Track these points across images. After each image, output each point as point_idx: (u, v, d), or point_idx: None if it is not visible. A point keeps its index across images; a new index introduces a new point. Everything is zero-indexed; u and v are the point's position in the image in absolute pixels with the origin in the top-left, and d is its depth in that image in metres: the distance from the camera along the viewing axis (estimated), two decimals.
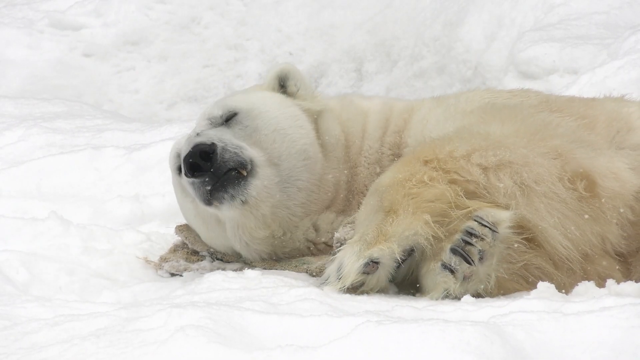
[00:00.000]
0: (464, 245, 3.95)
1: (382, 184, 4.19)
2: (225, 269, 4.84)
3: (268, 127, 4.85)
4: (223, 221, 4.80)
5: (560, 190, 4.06)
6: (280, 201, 4.76)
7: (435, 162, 4.12)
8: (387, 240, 3.99)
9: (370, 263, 4.00)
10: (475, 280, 3.96)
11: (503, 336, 3.08)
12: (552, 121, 4.38)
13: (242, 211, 4.68)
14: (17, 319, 3.82)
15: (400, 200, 4.05)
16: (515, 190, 4.03)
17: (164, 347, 3.08)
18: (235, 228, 4.76)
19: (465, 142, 4.16)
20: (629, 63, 7.34)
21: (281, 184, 4.78)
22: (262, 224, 4.74)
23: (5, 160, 7.32)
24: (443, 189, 4.03)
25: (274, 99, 5.01)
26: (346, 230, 4.46)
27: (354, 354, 3.02)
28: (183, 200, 4.97)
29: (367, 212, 4.18)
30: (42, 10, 12.76)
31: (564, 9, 9.84)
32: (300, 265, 4.74)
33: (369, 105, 5.14)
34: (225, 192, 4.64)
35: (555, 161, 4.12)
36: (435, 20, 11.24)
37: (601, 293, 3.95)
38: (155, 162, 6.88)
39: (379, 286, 4.07)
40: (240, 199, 4.65)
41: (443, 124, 4.72)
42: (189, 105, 12.19)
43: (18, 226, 5.28)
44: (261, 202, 4.70)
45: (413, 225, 3.99)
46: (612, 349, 3.04)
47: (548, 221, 4.03)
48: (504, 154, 4.09)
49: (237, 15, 13.01)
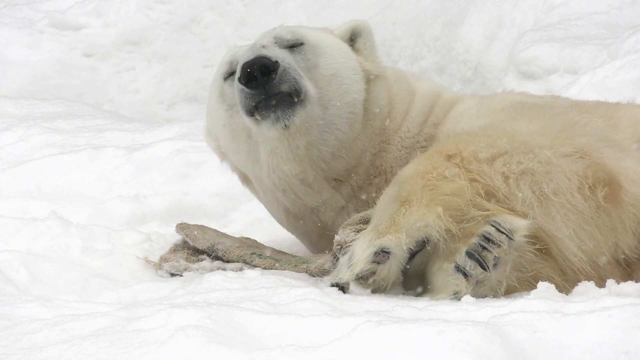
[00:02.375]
0: (481, 250, 3.95)
1: (404, 175, 4.19)
2: (226, 269, 4.84)
3: (328, 69, 4.88)
4: (254, 139, 4.83)
5: (578, 201, 4.05)
6: (316, 141, 4.80)
7: (458, 158, 4.11)
8: (397, 231, 3.98)
9: (380, 252, 3.98)
10: (486, 287, 3.96)
11: (503, 336, 3.08)
12: (580, 120, 4.38)
13: (280, 136, 4.71)
14: (17, 319, 3.81)
15: (417, 191, 4.04)
16: (533, 200, 4.03)
17: (164, 347, 3.08)
18: (267, 152, 4.79)
19: (490, 142, 4.15)
20: (629, 63, 7.34)
21: (322, 126, 4.81)
22: (293, 156, 4.77)
23: (5, 160, 7.32)
24: (462, 185, 4.03)
25: (341, 47, 5.03)
26: (346, 232, 4.45)
27: (354, 354, 3.02)
28: (217, 106, 4.97)
29: (385, 201, 4.18)
30: (42, 10, 12.76)
31: (564, 9, 9.84)
32: (300, 265, 4.74)
33: (418, 87, 5.14)
34: (273, 112, 4.67)
35: (579, 163, 4.10)
36: (435, 20, 11.24)
37: (601, 293, 3.95)
38: (155, 162, 6.88)
39: (391, 277, 4.04)
40: (284, 122, 4.67)
41: (475, 121, 4.73)
42: (189, 105, 12.19)
43: (18, 226, 5.28)
44: (300, 134, 4.73)
45: (425, 216, 3.98)
46: (613, 349, 3.04)
47: (563, 232, 4.02)
48: (527, 161, 4.08)
49: (237, 15, 13.01)
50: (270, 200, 5.09)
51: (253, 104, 4.68)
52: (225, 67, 4.97)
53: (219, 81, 4.99)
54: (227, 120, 4.93)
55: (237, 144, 4.92)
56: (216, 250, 4.97)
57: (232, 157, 5.04)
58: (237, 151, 4.95)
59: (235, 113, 4.88)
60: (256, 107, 4.68)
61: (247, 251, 4.91)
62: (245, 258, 4.88)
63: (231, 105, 4.89)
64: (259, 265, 4.81)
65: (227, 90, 4.92)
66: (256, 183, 5.10)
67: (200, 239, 5.04)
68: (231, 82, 4.91)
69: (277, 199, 5.01)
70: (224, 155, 5.17)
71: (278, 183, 4.89)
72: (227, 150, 5.02)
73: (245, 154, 4.91)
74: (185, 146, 7.08)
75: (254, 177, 5.03)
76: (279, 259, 4.84)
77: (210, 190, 6.56)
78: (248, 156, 4.91)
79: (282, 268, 4.76)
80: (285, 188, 4.90)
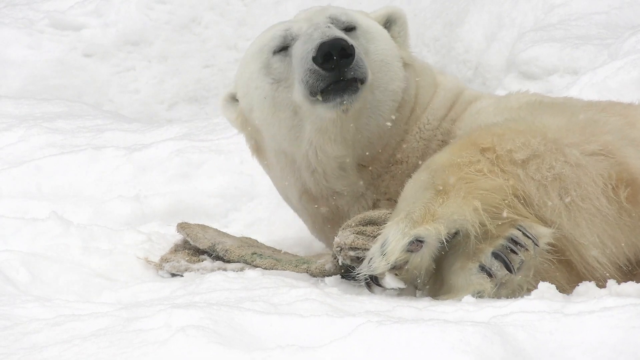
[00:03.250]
0: (508, 252, 3.95)
1: (437, 163, 4.18)
2: (226, 269, 4.84)
3: (378, 55, 4.87)
4: (300, 116, 4.78)
5: (603, 205, 4.06)
6: (362, 126, 4.79)
7: (493, 154, 4.12)
8: (434, 221, 3.96)
9: (415, 242, 3.97)
10: (508, 289, 3.97)
11: (503, 336, 3.08)
12: (600, 118, 4.38)
13: (336, 117, 4.69)
14: (17, 319, 3.82)
15: (454, 183, 4.04)
16: (562, 209, 4.05)
17: (165, 348, 3.08)
18: (315, 131, 4.75)
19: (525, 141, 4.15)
20: (629, 63, 7.33)
21: (369, 111, 4.81)
22: (342, 138, 4.75)
23: (5, 160, 7.32)
24: (501, 183, 4.04)
25: (384, 33, 5.03)
26: (346, 234, 4.45)
27: (354, 354, 3.02)
28: (260, 78, 4.88)
29: (415, 187, 4.16)
30: (42, 10, 12.75)
31: (564, 9, 9.83)
32: (300, 265, 4.74)
33: (441, 80, 5.14)
34: (340, 96, 4.64)
35: (604, 163, 4.12)
36: (435, 20, 11.24)
37: (602, 293, 3.95)
38: (155, 162, 6.88)
39: (423, 266, 4.03)
40: (346, 106, 4.65)
41: (492, 119, 4.72)
42: (189, 105, 12.18)
43: (18, 226, 5.28)
44: (353, 118, 4.72)
45: (462, 209, 3.98)
46: (613, 350, 3.04)
47: (588, 238, 4.04)
48: (558, 165, 4.09)
49: (237, 15, 13.01)
50: (286, 176, 5.01)
51: (323, 86, 4.63)
52: (277, 40, 4.87)
53: (265, 54, 4.89)
54: (270, 94, 4.84)
55: (278, 119, 4.84)
56: (217, 250, 4.97)
57: (266, 130, 4.93)
58: (276, 125, 4.86)
59: (282, 88, 4.82)
60: (323, 89, 4.64)
61: (248, 251, 4.91)
62: (246, 258, 4.88)
63: (277, 80, 4.82)
64: (260, 266, 4.81)
65: (276, 64, 4.84)
66: (278, 156, 5.01)
67: (201, 238, 5.04)
68: (282, 56, 4.84)
69: (298, 177, 4.94)
70: (243, 125, 5.09)
71: (314, 162, 4.84)
72: (262, 122, 4.92)
73: (287, 129, 4.82)
74: (186, 146, 7.07)
75: (284, 151, 4.93)
76: (280, 259, 4.84)
77: (210, 190, 6.55)
78: (289, 132, 4.83)
79: (283, 268, 4.76)
80: (318, 168, 4.85)
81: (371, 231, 4.41)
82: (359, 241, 4.39)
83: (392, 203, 4.87)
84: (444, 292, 4.07)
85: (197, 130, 7.90)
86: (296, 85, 4.73)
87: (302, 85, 4.68)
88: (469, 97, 5.08)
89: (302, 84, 4.68)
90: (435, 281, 4.14)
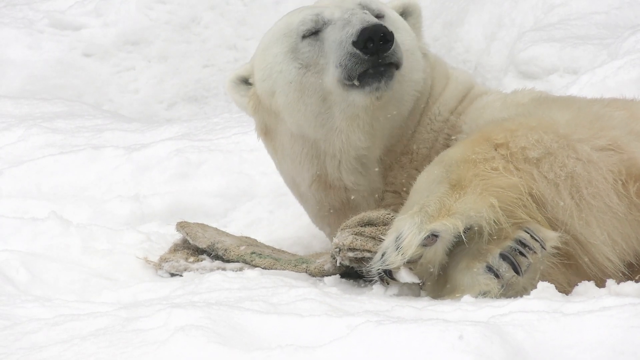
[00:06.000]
0: (516, 254, 3.95)
1: (451, 157, 4.17)
2: (226, 268, 4.84)
3: (404, 44, 4.83)
4: (329, 103, 4.74)
5: (614, 202, 4.06)
6: (388, 116, 4.77)
7: (506, 150, 4.11)
8: (451, 216, 3.95)
9: (430, 236, 3.96)
10: (512, 291, 3.97)
11: (503, 336, 3.08)
12: (605, 113, 4.37)
13: (369, 105, 4.66)
14: (17, 319, 3.82)
15: (470, 179, 4.03)
16: (573, 208, 4.04)
17: (164, 347, 3.09)
18: (346, 118, 4.72)
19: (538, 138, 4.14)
20: (629, 63, 7.33)
21: (394, 101, 4.78)
22: (370, 127, 4.73)
23: (5, 160, 7.32)
24: (516, 182, 4.03)
25: (406, 24, 5.02)
26: (344, 235, 4.45)
27: (353, 354, 3.02)
28: (287, 62, 4.82)
29: (428, 181, 4.14)
30: (42, 10, 12.75)
31: (564, 9, 9.84)
32: (299, 264, 4.74)
33: (452, 72, 5.12)
34: (377, 80, 4.63)
35: (614, 158, 4.12)
36: (435, 20, 11.24)
37: (601, 293, 3.95)
38: (155, 162, 6.88)
39: (436, 259, 4.03)
40: (381, 93, 4.64)
41: (498, 114, 4.71)
42: (189, 105, 12.18)
43: (18, 226, 5.28)
44: (382, 107, 4.70)
45: (479, 205, 3.97)
46: (612, 349, 3.05)
47: (598, 237, 4.04)
48: (570, 163, 4.09)
49: (237, 15, 13.01)
50: (302, 161, 4.94)
51: (362, 70, 4.61)
52: (308, 24, 4.81)
53: (293, 37, 4.83)
54: (297, 79, 4.78)
55: (304, 104, 4.78)
56: (216, 249, 4.96)
57: (289, 115, 4.85)
58: (302, 110, 4.79)
59: (310, 73, 4.77)
60: (360, 72, 4.61)
61: (247, 250, 4.91)
62: (245, 258, 4.88)
63: (306, 65, 4.77)
64: (259, 265, 4.82)
65: (305, 48, 4.79)
66: (295, 141, 4.93)
67: (200, 237, 5.04)
68: (312, 41, 4.80)
69: (315, 163, 4.89)
70: (255, 108, 5.04)
71: (337, 151, 4.80)
72: (285, 107, 4.84)
73: (314, 115, 4.77)
74: (185, 146, 7.07)
75: (306, 136, 4.87)
76: (279, 258, 4.84)
77: (210, 190, 6.55)
78: (316, 118, 4.77)
79: (282, 268, 4.76)
80: (340, 158, 4.81)
81: (370, 232, 4.41)
82: (357, 242, 4.39)
83: (397, 195, 4.86)
84: (448, 291, 4.07)
85: (197, 130, 7.90)
86: (330, 70, 4.70)
87: (340, 69, 4.65)
88: (477, 92, 5.07)
89: (339, 67, 4.65)
90: (438, 280, 4.14)
